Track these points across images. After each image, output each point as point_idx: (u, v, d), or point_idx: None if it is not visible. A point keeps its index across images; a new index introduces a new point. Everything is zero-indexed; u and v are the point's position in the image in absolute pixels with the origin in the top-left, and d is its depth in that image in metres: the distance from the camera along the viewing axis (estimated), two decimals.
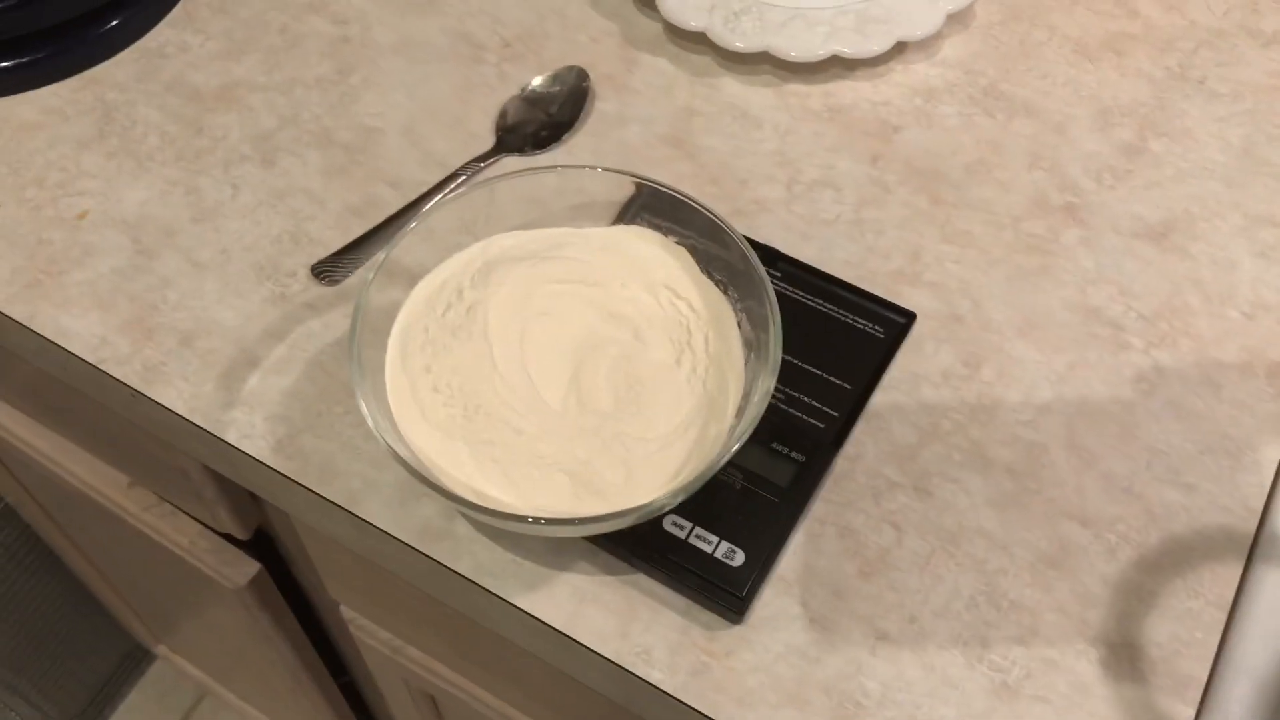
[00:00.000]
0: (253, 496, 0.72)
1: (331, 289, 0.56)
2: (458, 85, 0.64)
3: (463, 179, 0.59)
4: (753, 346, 0.48)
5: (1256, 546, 0.49)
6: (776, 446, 0.49)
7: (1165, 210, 0.59)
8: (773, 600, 0.47)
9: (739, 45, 0.62)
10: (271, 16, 0.67)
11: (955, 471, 0.50)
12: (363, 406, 0.45)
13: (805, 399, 0.51)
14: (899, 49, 0.64)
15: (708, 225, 0.50)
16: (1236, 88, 0.63)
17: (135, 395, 0.54)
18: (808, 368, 0.52)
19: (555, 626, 0.47)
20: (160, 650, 1.31)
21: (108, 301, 0.56)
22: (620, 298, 0.50)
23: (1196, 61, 0.64)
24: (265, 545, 0.80)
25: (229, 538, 0.77)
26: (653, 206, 0.52)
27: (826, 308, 0.54)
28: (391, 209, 0.58)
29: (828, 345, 0.53)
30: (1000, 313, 0.55)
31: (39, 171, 0.61)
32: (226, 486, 0.70)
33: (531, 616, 0.47)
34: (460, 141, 0.61)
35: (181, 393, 0.53)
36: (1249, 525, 0.49)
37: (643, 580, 0.48)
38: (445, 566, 0.49)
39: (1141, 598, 0.47)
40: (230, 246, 0.58)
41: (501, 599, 0.48)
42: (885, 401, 0.52)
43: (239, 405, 0.53)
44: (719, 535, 0.47)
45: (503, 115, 0.62)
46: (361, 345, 0.47)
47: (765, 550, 0.47)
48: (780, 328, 0.46)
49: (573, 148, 0.61)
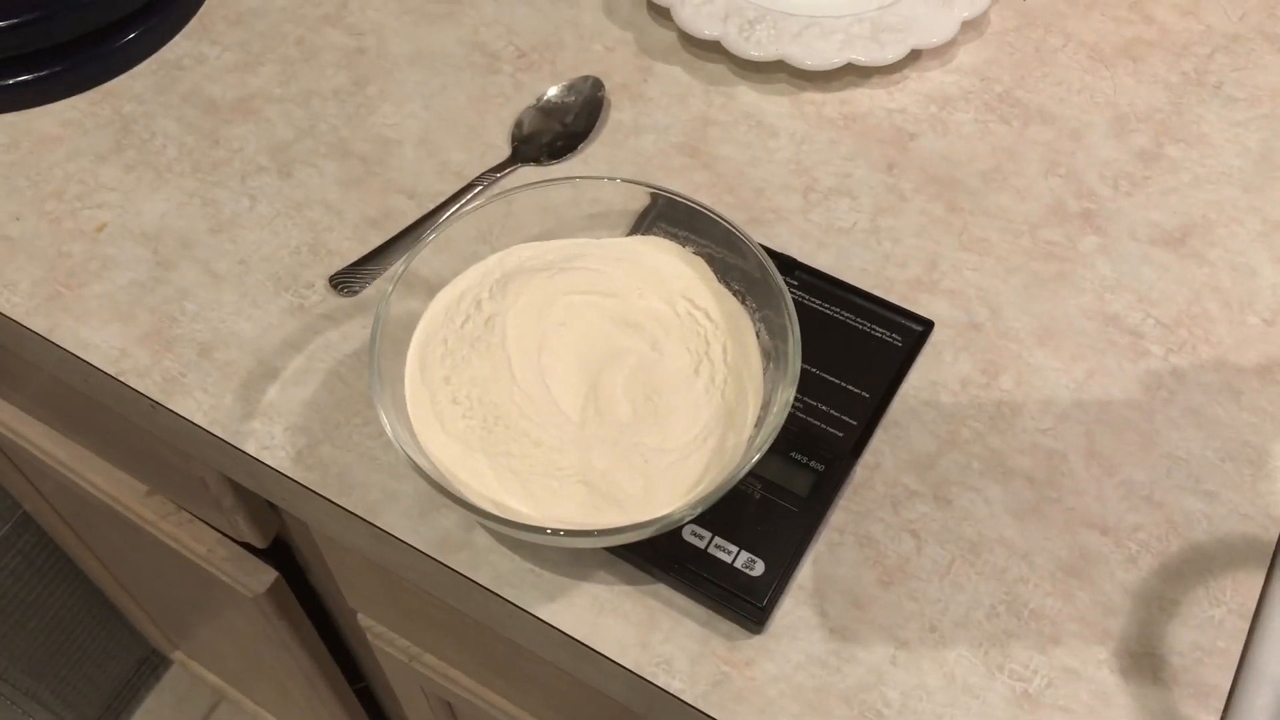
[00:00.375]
0: (271, 505, 0.73)
1: (349, 300, 0.56)
2: (473, 96, 0.64)
3: (479, 189, 0.59)
4: (771, 356, 0.48)
5: (1278, 554, 0.48)
6: (795, 456, 0.49)
7: (1183, 216, 0.58)
8: (793, 610, 0.47)
9: (754, 54, 0.62)
10: (288, 29, 0.67)
11: (974, 480, 0.50)
12: (383, 417, 0.45)
13: (824, 408, 0.51)
14: (914, 56, 0.64)
15: (724, 234, 0.50)
16: (1254, 92, 0.63)
17: (155, 407, 0.54)
18: (826, 376, 0.52)
19: (575, 637, 0.47)
20: (176, 656, 1.32)
21: (127, 313, 0.56)
22: (638, 308, 0.50)
23: (1213, 66, 0.64)
24: (283, 553, 0.80)
25: (247, 546, 0.77)
26: (669, 216, 0.52)
27: (844, 316, 0.54)
28: (408, 220, 0.58)
29: (846, 354, 0.53)
30: (1018, 320, 0.55)
31: (58, 184, 0.61)
32: (245, 496, 0.70)
33: (551, 627, 0.47)
34: (476, 152, 0.61)
35: (201, 404, 0.53)
36: (1270, 533, 0.49)
37: (662, 590, 0.48)
38: (465, 577, 0.49)
39: (1163, 606, 0.47)
40: (248, 257, 0.58)
41: (521, 609, 0.48)
42: (904, 410, 0.52)
43: (258, 416, 0.53)
44: (738, 545, 0.47)
45: (518, 125, 0.62)
46: (381, 356, 0.47)
47: (785, 560, 0.47)
48: (799, 338, 0.46)
49: (588, 157, 0.61)
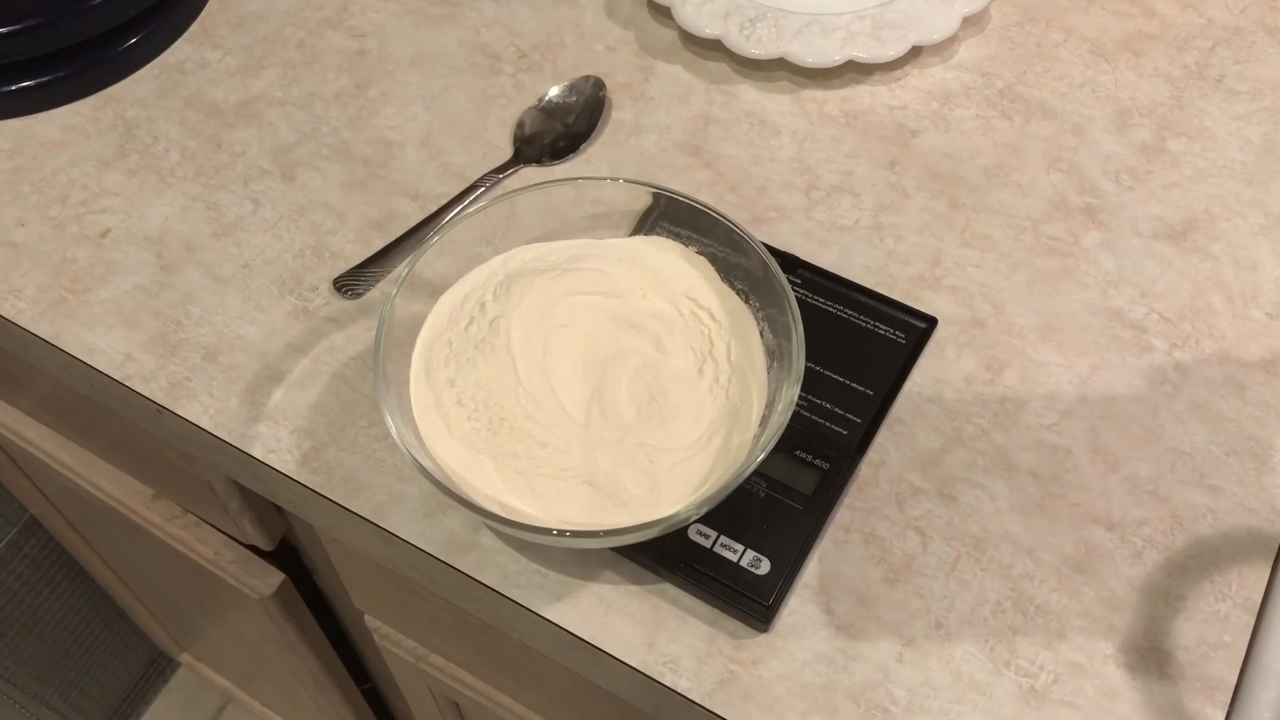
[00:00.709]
0: (277, 508, 0.73)
1: (354, 302, 0.56)
2: (475, 97, 0.64)
3: (481, 191, 0.59)
4: (775, 355, 0.48)
5: None
6: (800, 454, 0.49)
7: (1185, 210, 0.58)
8: (799, 608, 0.47)
9: (755, 52, 0.63)
10: (289, 32, 0.67)
11: (979, 477, 0.50)
12: (388, 420, 0.45)
13: (828, 406, 0.51)
14: (915, 53, 0.64)
15: (727, 234, 0.50)
16: (1256, 85, 0.63)
17: (161, 411, 0.54)
18: (830, 374, 0.52)
19: (582, 637, 0.47)
20: (184, 658, 1.32)
21: (132, 318, 0.57)
22: (641, 308, 0.50)
23: (1214, 60, 0.64)
24: (289, 555, 0.80)
25: (254, 548, 0.77)
26: (671, 216, 0.52)
27: (847, 314, 0.54)
28: (411, 222, 0.59)
29: (849, 352, 0.53)
30: (1022, 316, 0.55)
31: (62, 190, 0.61)
32: (251, 499, 0.70)
33: (558, 627, 0.47)
34: (478, 153, 0.61)
35: (207, 408, 0.54)
36: (1275, 527, 0.49)
37: (669, 589, 0.48)
38: (471, 578, 0.49)
39: (1169, 601, 0.47)
40: (252, 261, 0.58)
41: (528, 610, 0.48)
42: (908, 407, 0.52)
43: (264, 420, 0.53)
44: (744, 544, 0.47)
45: (520, 126, 0.62)
46: (385, 359, 0.47)
47: (790, 558, 0.47)
48: (803, 336, 0.46)
49: (590, 158, 0.61)
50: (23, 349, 0.59)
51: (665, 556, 0.47)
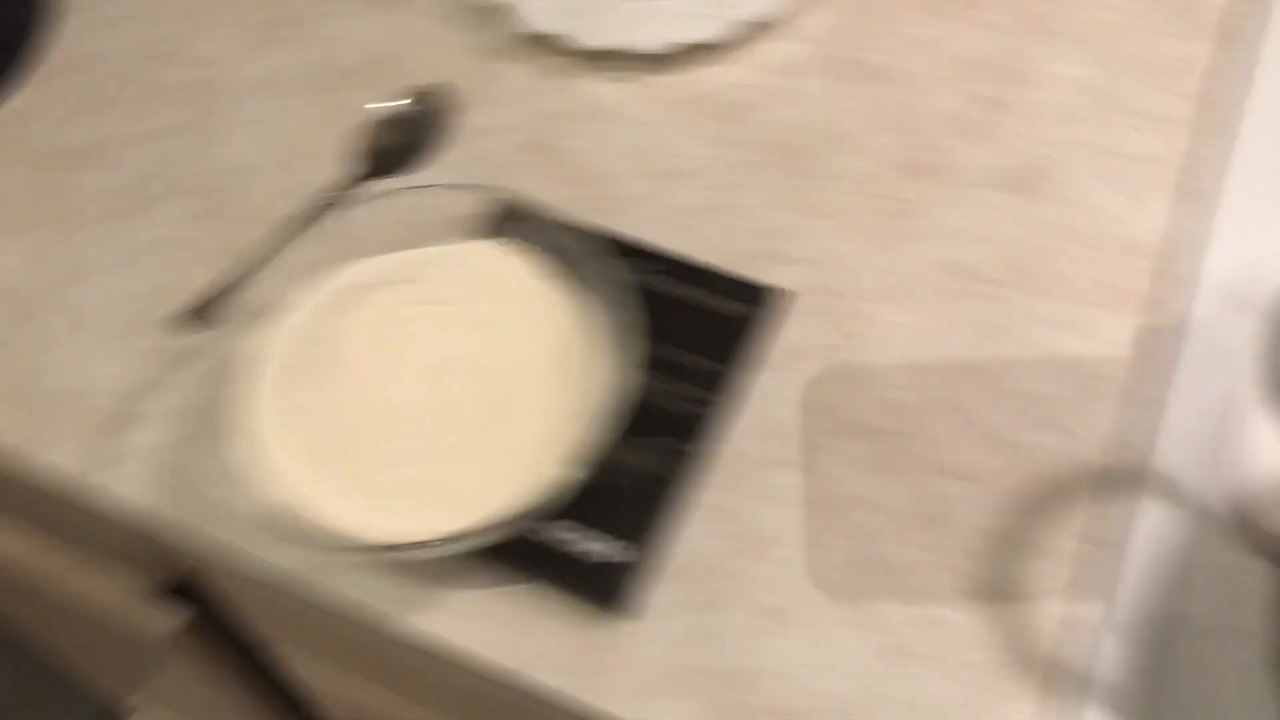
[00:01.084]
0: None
1: (205, 335, 0.56)
2: (322, 114, 0.64)
3: (326, 209, 0.59)
4: (620, 344, 0.49)
5: (1133, 484, 0.49)
6: (656, 438, 0.50)
7: (1026, 159, 0.59)
8: (666, 592, 0.48)
9: (595, 44, 0.63)
10: (132, 69, 0.67)
11: (835, 443, 0.51)
12: (231, 456, 0.45)
13: (684, 387, 0.51)
14: (757, 29, 0.65)
15: (565, 230, 0.50)
16: (1083, 30, 0.64)
17: (23, 460, 0.54)
18: (683, 358, 0.52)
19: (451, 643, 0.47)
20: (134, 702, 1.31)
21: None
22: (481, 311, 0.50)
23: (1044, 7, 0.65)
24: (199, 591, 0.79)
25: (164, 586, 0.76)
26: (511, 217, 0.52)
27: (699, 295, 0.54)
28: (257, 248, 0.58)
29: (701, 333, 0.53)
30: (872, 280, 0.56)
31: None
32: (140, 538, 0.69)
33: (426, 637, 0.47)
34: (325, 172, 0.61)
35: (65, 454, 0.53)
36: (1125, 464, 0.50)
37: (535, 587, 0.48)
38: (336, 599, 0.49)
39: (1023, 546, 0.48)
40: (105, 303, 0.58)
41: (394, 622, 0.48)
42: (764, 381, 0.53)
43: (125, 461, 0.53)
44: (605, 533, 0.48)
45: (366, 141, 0.62)
46: (231, 390, 0.47)
47: (653, 543, 0.47)
48: (644, 323, 0.46)
49: (442, 165, 0.61)
50: None
51: (524, 556, 0.47)
